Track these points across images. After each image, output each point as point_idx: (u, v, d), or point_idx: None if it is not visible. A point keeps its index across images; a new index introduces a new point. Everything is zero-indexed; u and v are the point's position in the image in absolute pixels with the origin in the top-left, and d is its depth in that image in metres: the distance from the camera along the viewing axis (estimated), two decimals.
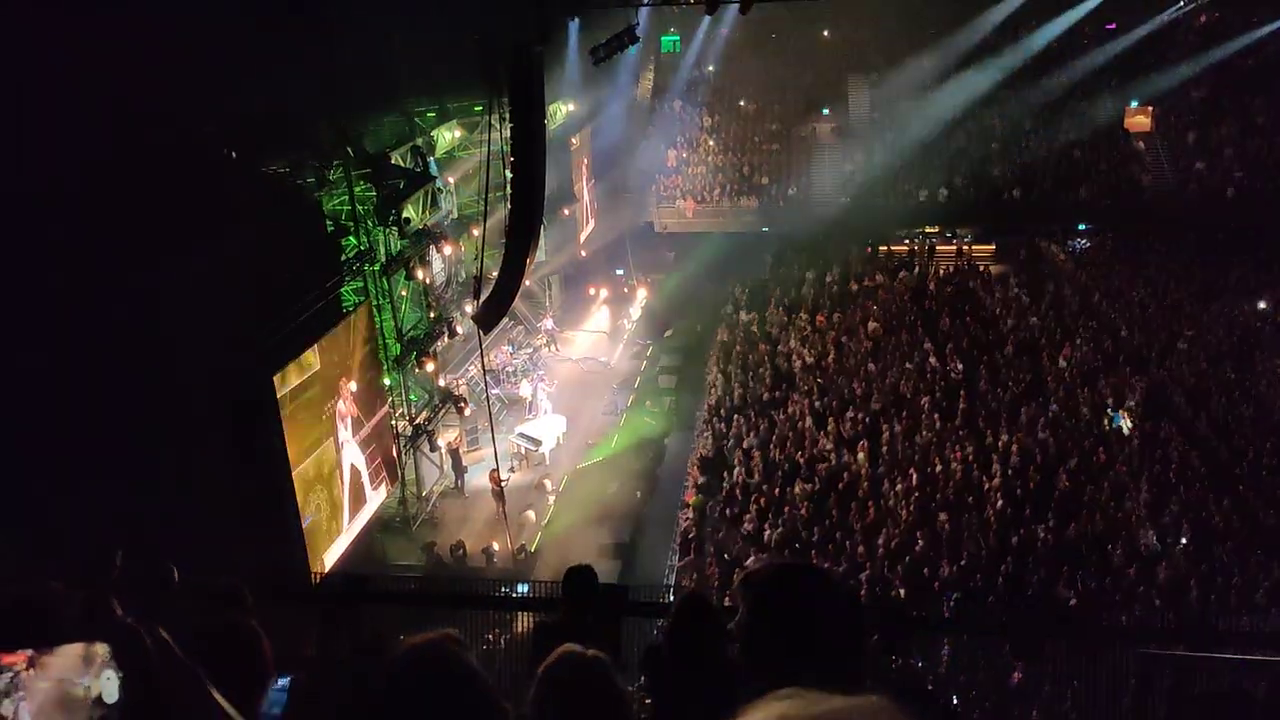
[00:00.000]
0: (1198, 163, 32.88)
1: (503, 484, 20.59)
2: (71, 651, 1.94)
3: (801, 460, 20.02)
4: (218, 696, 2.14)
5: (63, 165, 11.92)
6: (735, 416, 22.52)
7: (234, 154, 16.08)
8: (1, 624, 2.60)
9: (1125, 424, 20.39)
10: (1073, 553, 16.58)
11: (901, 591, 15.67)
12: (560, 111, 29.14)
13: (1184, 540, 16.49)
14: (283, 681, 3.44)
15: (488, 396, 21.36)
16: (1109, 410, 21.06)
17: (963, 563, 16.38)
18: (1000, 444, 19.88)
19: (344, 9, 17.63)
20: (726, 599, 13.92)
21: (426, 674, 2.06)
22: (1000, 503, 17.87)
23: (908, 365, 23.89)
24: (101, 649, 1.94)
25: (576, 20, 26.82)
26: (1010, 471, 18.89)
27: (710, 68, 39.12)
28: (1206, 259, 29.05)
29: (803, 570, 2.30)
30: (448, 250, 22.78)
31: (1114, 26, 34.74)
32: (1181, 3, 28.35)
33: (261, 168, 17.68)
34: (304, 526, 16.26)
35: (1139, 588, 15.48)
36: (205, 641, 2.58)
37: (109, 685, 1.91)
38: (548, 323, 29.76)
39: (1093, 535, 16.93)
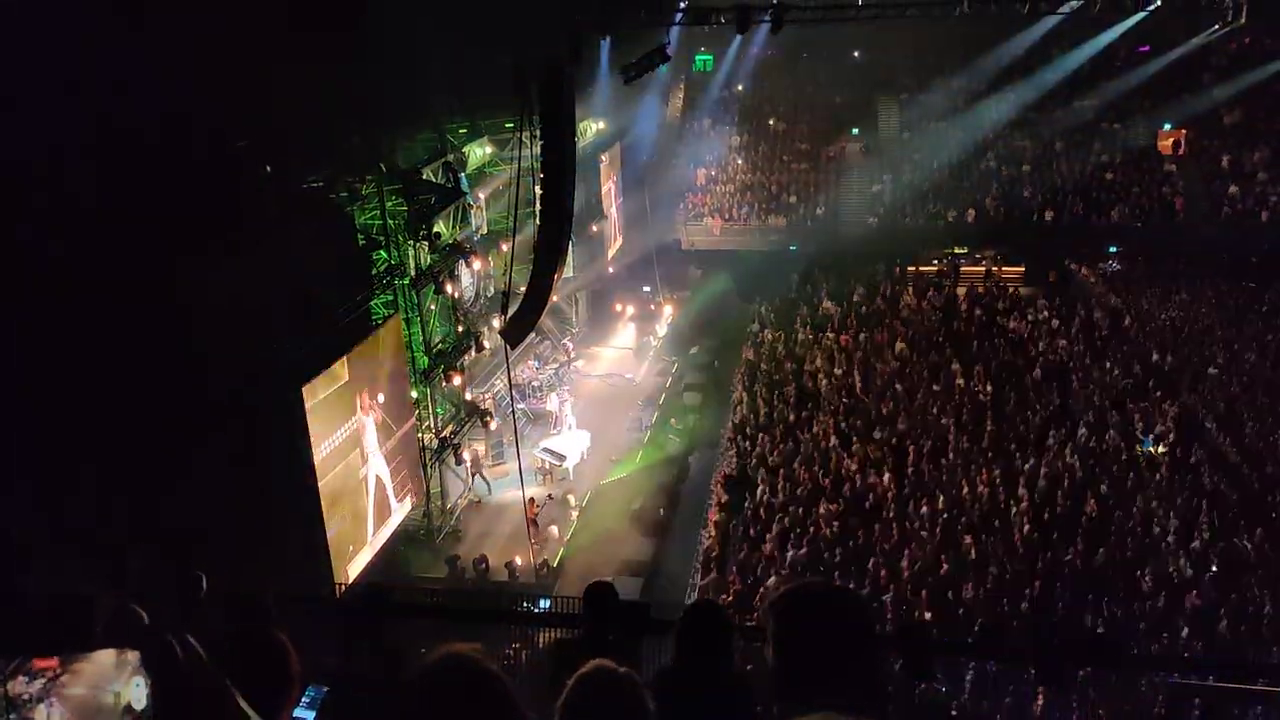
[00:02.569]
0: (1231, 186, 32.54)
1: (538, 514, 20.72)
2: (104, 659, 1.99)
3: (826, 481, 19.93)
4: (245, 707, 2.17)
5: (102, 177, 12.15)
6: (760, 435, 22.46)
7: (269, 168, 16.32)
8: (35, 629, 2.67)
9: (1156, 449, 20.14)
10: (1100, 579, 16.38)
11: (926, 615, 15.53)
12: (590, 129, 29.34)
13: (1214, 569, 16.23)
14: (316, 692, 3.48)
15: (513, 411, 21.46)
16: (1140, 435, 20.82)
17: (988, 587, 16.22)
18: (1028, 467, 19.70)
19: (378, 27, 17.88)
20: (751, 620, 13.87)
21: (453, 686, 2.09)
22: (1027, 527, 17.69)
23: (935, 386, 23.75)
24: (132, 657, 1.98)
25: (608, 39, 27.03)
26: (1037, 495, 18.70)
27: (740, 87, 39.26)
28: (1239, 283, 28.71)
29: (825, 590, 2.33)
30: (477, 265, 22.97)
31: (1147, 49, 34.52)
32: (1215, 26, 28.11)
33: (296, 182, 17.93)
34: (329, 537, 16.38)
35: (1168, 616, 15.25)
36: (233, 650, 2.62)
37: (138, 693, 1.96)
38: (568, 343, 29.90)
39: (1121, 561, 16.71)
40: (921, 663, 7.45)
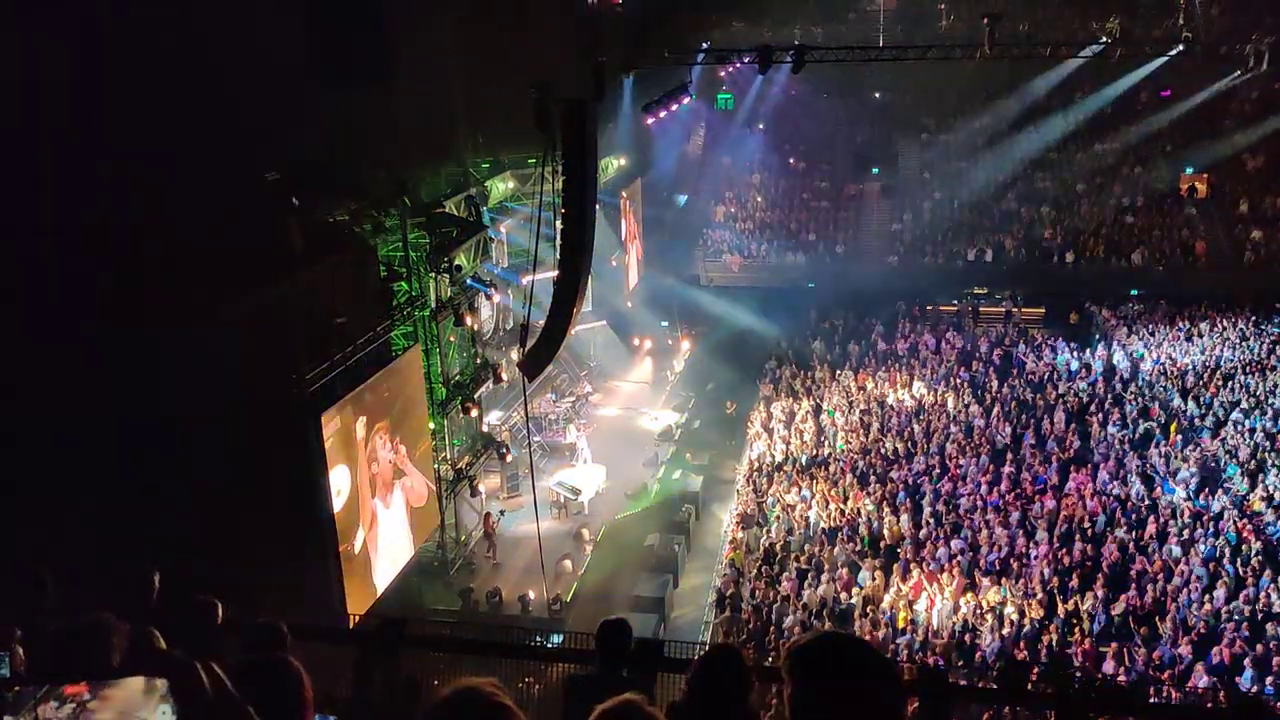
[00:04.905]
0: (1254, 231, 32.40)
1: (494, 528, 21.37)
2: (134, 685, 2.00)
3: (843, 520, 19.81)
4: None
5: (133, 206, 12.33)
6: (776, 473, 22.39)
7: (296, 200, 16.55)
8: (57, 653, 2.69)
9: (1178, 495, 19.92)
10: (1121, 626, 16.16)
11: (943, 659, 15.34)
12: (612, 165, 29.62)
13: (1237, 617, 15.98)
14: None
15: (529, 443, 21.49)
16: (1161, 480, 20.62)
17: (1006, 631, 16.02)
18: (1047, 511, 19.51)
19: (404, 62, 18.18)
20: (768, 662, 13.74)
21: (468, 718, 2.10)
22: (1046, 571, 17.49)
23: (953, 427, 23.62)
24: (161, 684, 2.00)
25: (631, 76, 27.36)
26: (1057, 540, 18.51)
27: (761, 126, 39.56)
28: (1263, 328, 28.49)
29: (846, 642, 2.32)
30: (496, 298, 23.11)
31: (1169, 93, 34.58)
32: (1238, 72, 28.21)
33: (321, 214, 18.16)
34: (343, 567, 16.38)
35: (1190, 664, 15.01)
36: (249, 677, 2.63)
37: (164, 719, 1.97)
38: (585, 376, 29.96)
39: (1142, 608, 16.49)
40: (939, 708, 7.35)
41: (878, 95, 39.80)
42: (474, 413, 21.55)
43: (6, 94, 10.94)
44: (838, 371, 28.08)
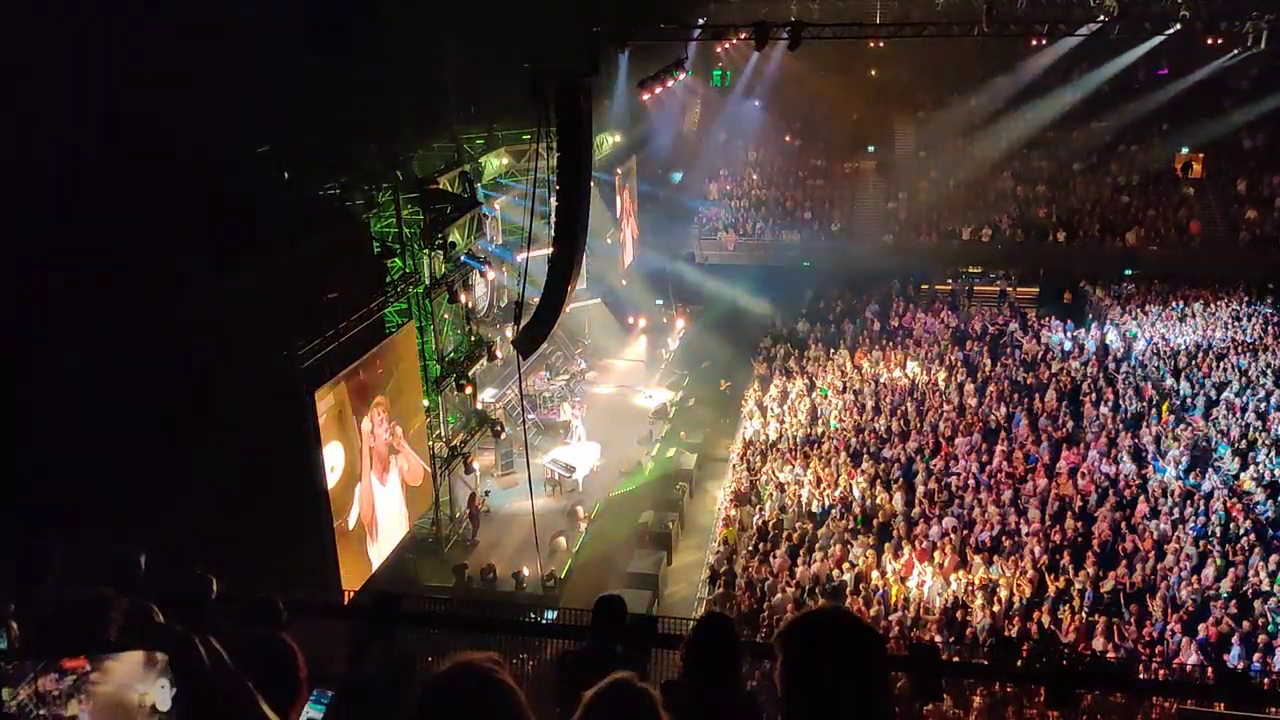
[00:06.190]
0: (1249, 211, 32.39)
1: (479, 508, 21.57)
2: (134, 658, 2.01)
3: (835, 498, 19.89)
4: (267, 709, 2.18)
5: (117, 180, 12.23)
6: (770, 451, 22.45)
7: (287, 174, 16.43)
8: (55, 627, 2.70)
9: (1169, 474, 20.03)
10: (1111, 603, 16.29)
11: (935, 636, 15.45)
12: (607, 141, 29.47)
13: (1225, 595, 16.12)
14: (320, 697, 3.50)
15: (524, 421, 21.50)
16: (1151, 459, 20.73)
17: (997, 608, 16.14)
18: (1039, 489, 19.61)
19: (398, 36, 18.03)
20: (759, 637, 13.84)
21: (463, 696, 2.09)
22: (1037, 549, 17.60)
23: (947, 406, 23.69)
24: (161, 657, 2.00)
25: (626, 52, 27.16)
26: (1048, 518, 18.62)
27: (757, 102, 39.35)
28: (1257, 309, 28.55)
29: (836, 617, 2.34)
30: (491, 275, 23.04)
31: (1166, 71, 34.44)
32: (1235, 51, 28.10)
33: (313, 189, 18.04)
34: (338, 543, 16.42)
35: (1178, 642, 15.15)
36: (244, 654, 2.65)
37: (162, 694, 1.98)
38: (580, 363, 29.95)
39: (1131, 586, 16.62)
40: (928, 683, 7.43)
41: (874, 72, 39.59)
42: (468, 390, 21.54)
43: None
44: (832, 350, 28.11)
